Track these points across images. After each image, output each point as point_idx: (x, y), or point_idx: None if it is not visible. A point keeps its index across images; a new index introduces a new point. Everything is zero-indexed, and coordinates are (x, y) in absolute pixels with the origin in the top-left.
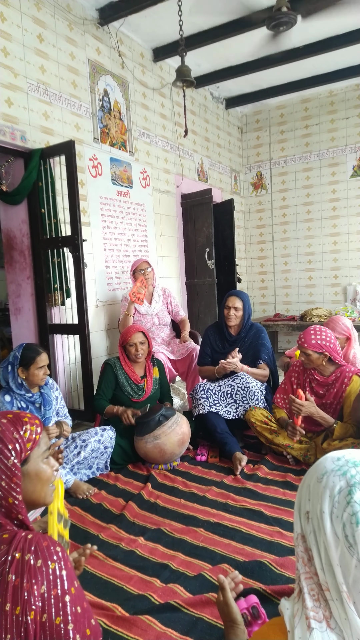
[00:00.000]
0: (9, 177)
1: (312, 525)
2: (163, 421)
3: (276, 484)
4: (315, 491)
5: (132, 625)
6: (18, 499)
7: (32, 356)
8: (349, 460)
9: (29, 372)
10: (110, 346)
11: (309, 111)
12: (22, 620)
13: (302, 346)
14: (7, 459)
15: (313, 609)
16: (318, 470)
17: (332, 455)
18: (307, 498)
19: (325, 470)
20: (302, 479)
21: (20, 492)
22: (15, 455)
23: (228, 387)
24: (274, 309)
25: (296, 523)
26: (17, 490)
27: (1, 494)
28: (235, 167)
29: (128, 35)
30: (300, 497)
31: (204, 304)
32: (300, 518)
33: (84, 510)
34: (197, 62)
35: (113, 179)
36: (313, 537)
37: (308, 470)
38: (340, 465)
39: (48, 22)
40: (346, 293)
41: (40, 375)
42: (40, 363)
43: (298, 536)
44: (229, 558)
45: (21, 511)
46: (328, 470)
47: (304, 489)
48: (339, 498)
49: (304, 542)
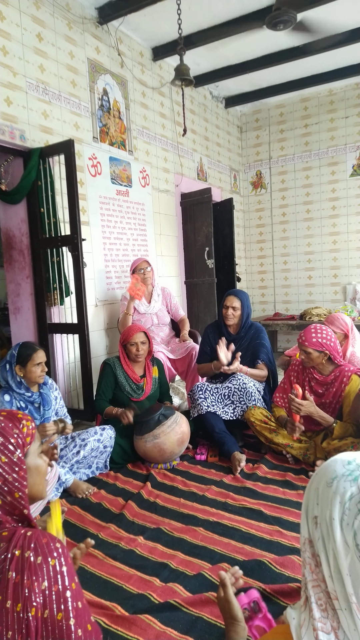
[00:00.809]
0: (8, 176)
1: (320, 531)
2: (162, 420)
3: (276, 483)
4: (324, 496)
5: (132, 625)
6: (24, 492)
7: (28, 353)
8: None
9: (26, 370)
10: (109, 345)
11: (309, 110)
12: (23, 617)
13: (303, 344)
14: (12, 453)
15: (321, 619)
16: (328, 473)
17: (342, 458)
18: (315, 502)
19: (335, 475)
20: (310, 480)
21: (27, 486)
22: (19, 450)
23: (225, 389)
24: (273, 308)
25: (303, 527)
26: (24, 484)
27: (7, 489)
28: (235, 166)
29: (127, 34)
30: (308, 500)
31: (204, 303)
32: (308, 522)
33: (83, 509)
34: (197, 61)
35: (112, 178)
36: (322, 544)
37: (316, 471)
38: (352, 469)
39: (47, 21)
40: (346, 292)
41: (37, 372)
42: (37, 360)
43: (305, 541)
44: (229, 557)
45: (26, 505)
46: (339, 474)
47: (312, 492)
48: (350, 505)
49: (311, 548)
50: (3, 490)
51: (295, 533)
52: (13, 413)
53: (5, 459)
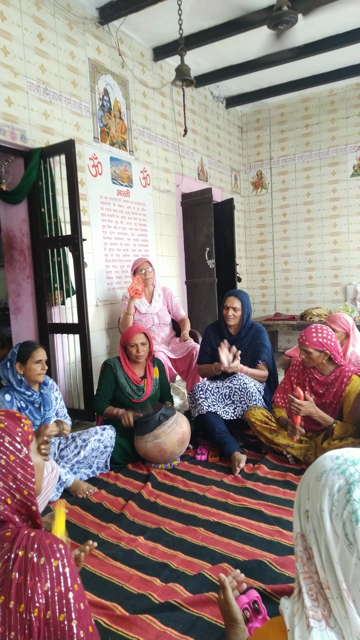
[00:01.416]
0: (9, 176)
1: (311, 524)
2: (163, 420)
3: (276, 484)
4: (314, 490)
5: (132, 625)
6: (33, 489)
7: (28, 350)
8: (347, 459)
9: (26, 367)
10: (110, 345)
11: (309, 110)
12: (26, 618)
13: (303, 344)
14: (20, 451)
15: (312, 608)
16: (317, 469)
17: (331, 454)
18: (306, 497)
19: (324, 469)
20: (302, 478)
21: (34, 483)
22: (25, 448)
23: (226, 389)
24: (274, 308)
25: (295, 522)
26: (32, 481)
27: (16, 487)
28: (236, 167)
29: (128, 35)
30: (300, 496)
31: (204, 304)
32: (300, 517)
33: (83, 509)
34: (197, 61)
35: (113, 178)
36: (313, 536)
37: (307, 469)
38: (339, 463)
39: (48, 21)
40: (346, 292)
41: (37, 370)
42: (37, 357)
43: (297, 535)
44: (229, 557)
45: (34, 502)
46: (327, 468)
47: (303, 488)
48: (339, 496)
49: (303, 541)
50: (13, 489)
51: None
52: (11, 412)
53: (14, 458)
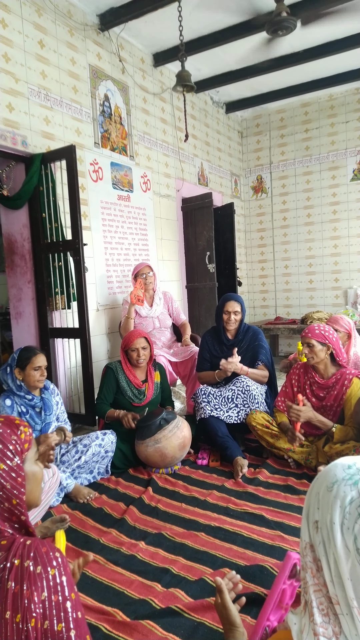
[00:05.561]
0: (10, 181)
1: (321, 536)
2: (164, 425)
3: (277, 488)
4: (325, 500)
5: (133, 631)
6: (22, 499)
7: (28, 356)
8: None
9: (25, 373)
10: (111, 350)
11: (309, 115)
12: (22, 628)
13: (306, 336)
14: (11, 460)
15: (322, 624)
16: (328, 478)
17: (343, 463)
18: (316, 507)
19: (335, 479)
20: (311, 485)
21: (24, 493)
22: (18, 457)
23: (229, 392)
24: (274, 312)
25: (304, 532)
26: (22, 491)
27: (5, 496)
28: (236, 171)
29: (128, 41)
30: (309, 504)
31: (205, 308)
32: (309, 527)
33: (84, 514)
34: (197, 67)
35: (114, 183)
36: (322, 548)
37: (317, 476)
38: (352, 473)
39: (49, 28)
40: (347, 296)
41: (36, 376)
42: (36, 363)
43: (306, 545)
44: (230, 562)
45: (24, 512)
46: (339, 478)
47: (312, 497)
48: (350, 509)
49: (312, 552)
50: (1, 497)
51: (297, 538)
52: (11, 419)
53: (4, 466)
